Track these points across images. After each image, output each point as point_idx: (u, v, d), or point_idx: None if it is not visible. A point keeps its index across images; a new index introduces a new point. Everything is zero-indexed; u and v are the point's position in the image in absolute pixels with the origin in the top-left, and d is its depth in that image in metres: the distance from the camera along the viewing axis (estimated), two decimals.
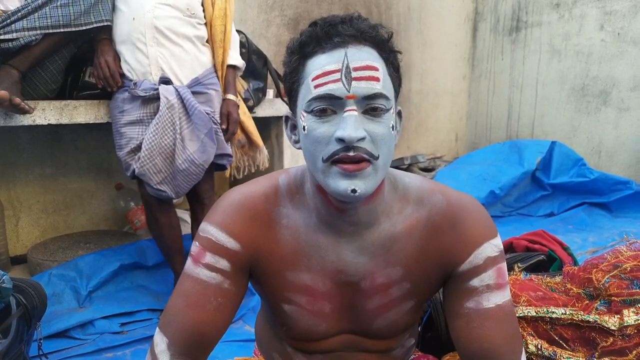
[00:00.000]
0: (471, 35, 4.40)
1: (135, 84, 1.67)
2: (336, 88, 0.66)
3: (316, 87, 0.67)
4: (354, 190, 0.67)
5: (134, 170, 1.68)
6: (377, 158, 0.67)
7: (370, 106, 0.67)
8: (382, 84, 0.68)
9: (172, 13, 1.68)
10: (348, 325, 0.84)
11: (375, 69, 0.67)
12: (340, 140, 0.66)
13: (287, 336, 0.87)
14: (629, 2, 3.38)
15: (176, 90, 1.67)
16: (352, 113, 0.66)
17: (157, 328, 0.79)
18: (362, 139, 0.66)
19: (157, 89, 1.65)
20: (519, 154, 3.45)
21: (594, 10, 3.57)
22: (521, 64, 4.05)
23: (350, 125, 0.65)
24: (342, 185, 0.67)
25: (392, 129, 0.70)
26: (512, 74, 4.13)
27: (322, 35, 0.68)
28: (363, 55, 0.67)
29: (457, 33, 4.27)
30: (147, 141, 1.63)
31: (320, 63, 0.68)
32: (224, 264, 0.77)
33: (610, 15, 3.49)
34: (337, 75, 0.66)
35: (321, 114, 0.68)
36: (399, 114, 0.77)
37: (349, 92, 0.66)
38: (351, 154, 0.66)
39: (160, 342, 0.76)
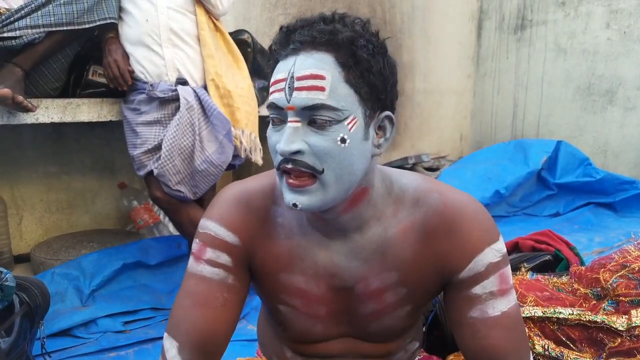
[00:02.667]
0: (476, 34, 4.38)
1: (151, 85, 1.66)
2: (279, 97, 0.65)
3: (269, 94, 0.67)
4: (295, 205, 0.66)
5: (150, 171, 1.67)
6: (322, 172, 0.65)
7: (313, 118, 0.64)
8: (329, 94, 0.63)
9: (184, 13, 1.68)
10: (345, 328, 0.82)
11: (320, 78, 0.63)
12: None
13: (285, 337, 0.86)
14: (635, 1, 3.35)
15: (194, 91, 1.67)
16: (291, 125, 0.64)
17: (165, 333, 0.77)
18: (299, 152, 0.64)
19: (176, 90, 1.65)
20: (524, 153, 3.42)
21: (600, 9, 3.54)
22: (526, 62, 4.03)
23: (285, 138, 0.64)
24: (287, 197, 0.67)
25: (342, 142, 0.64)
26: (517, 73, 4.10)
27: (283, 41, 0.68)
28: (310, 63, 0.64)
29: (461, 31, 4.25)
30: (167, 142, 1.62)
31: (276, 70, 0.67)
32: (225, 258, 0.76)
33: (617, 14, 3.46)
34: (282, 85, 0.65)
35: (275, 122, 0.68)
36: (390, 119, 0.71)
37: (288, 102, 0.64)
38: (289, 166, 0.65)
39: (170, 347, 0.75)
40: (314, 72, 0.64)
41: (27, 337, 1.26)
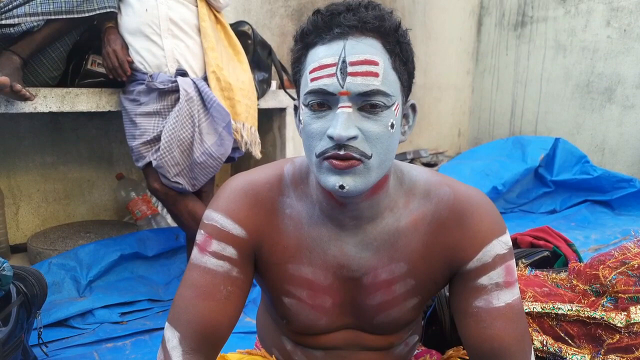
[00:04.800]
0: (476, 30, 4.37)
1: (151, 76, 1.65)
2: (330, 83, 0.63)
3: (312, 80, 0.65)
4: (342, 187, 0.65)
5: (149, 162, 1.66)
6: (369, 157, 0.65)
7: (367, 103, 0.64)
8: (382, 80, 0.64)
9: (184, 3, 1.66)
10: (349, 320, 0.82)
11: (375, 64, 0.63)
12: (331, 138, 0.64)
13: (287, 330, 0.86)
14: None
15: (194, 82, 1.65)
16: (344, 110, 0.63)
17: (167, 322, 0.76)
18: (354, 137, 0.63)
19: (175, 81, 1.63)
20: (522, 150, 3.43)
21: (600, 6, 3.54)
22: (526, 59, 4.03)
23: (341, 123, 0.63)
24: (331, 180, 0.65)
25: (391, 127, 0.66)
26: (517, 70, 4.10)
27: (322, 25, 0.65)
28: (362, 48, 0.63)
29: (461, 27, 4.24)
30: (166, 133, 1.61)
31: (318, 55, 0.65)
32: (230, 251, 0.75)
33: (617, 12, 3.46)
34: (332, 70, 0.63)
35: (316, 108, 0.66)
36: (413, 107, 0.74)
37: (342, 88, 0.63)
38: (341, 152, 0.64)
39: (171, 337, 0.74)
40: (369, 58, 0.63)
41: (24, 327, 1.26)
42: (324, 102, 0.65)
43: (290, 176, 0.80)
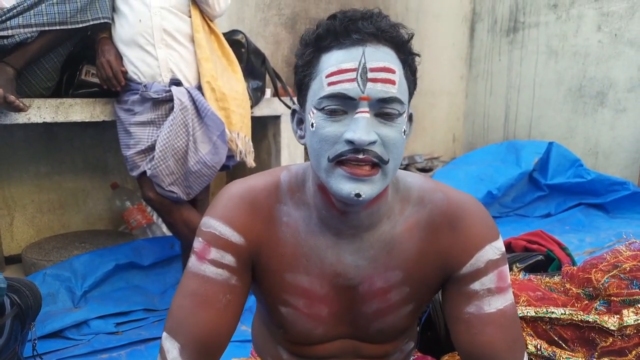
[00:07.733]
0: (468, 36, 4.40)
1: (145, 86, 1.65)
2: (351, 88, 0.63)
3: (330, 84, 0.64)
4: (358, 195, 0.64)
5: (143, 171, 1.66)
6: (387, 162, 0.65)
7: (384, 110, 0.64)
8: (398, 88, 0.65)
9: (177, 14, 1.67)
10: (346, 329, 0.82)
11: (392, 72, 0.64)
12: (350, 142, 0.63)
13: (283, 339, 0.86)
14: (626, 4, 3.39)
15: (188, 92, 1.66)
16: (364, 115, 0.63)
17: (165, 333, 0.75)
18: (373, 142, 0.63)
19: (169, 90, 1.64)
20: (516, 154, 3.45)
21: (591, 11, 3.57)
22: (518, 64, 4.06)
23: (362, 127, 0.63)
24: (346, 187, 0.65)
25: (404, 134, 0.68)
26: (510, 75, 4.13)
27: (340, 29, 0.65)
28: (381, 56, 0.64)
29: (454, 33, 4.27)
30: (161, 143, 1.61)
31: (337, 59, 0.65)
32: (229, 259, 0.74)
33: (607, 17, 3.49)
34: (352, 75, 0.63)
35: (332, 113, 0.65)
36: (410, 117, 0.74)
37: (363, 93, 0.63)
38: (360, 156, 0.63)
39: (171, 348, 0.72)
40: (387, 65, 0.64)
41: (18, 339, 1.25)
42: (340, 106, 0.65)
43: (286, 184, 0.80)
